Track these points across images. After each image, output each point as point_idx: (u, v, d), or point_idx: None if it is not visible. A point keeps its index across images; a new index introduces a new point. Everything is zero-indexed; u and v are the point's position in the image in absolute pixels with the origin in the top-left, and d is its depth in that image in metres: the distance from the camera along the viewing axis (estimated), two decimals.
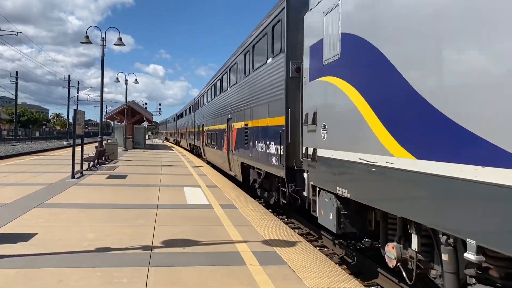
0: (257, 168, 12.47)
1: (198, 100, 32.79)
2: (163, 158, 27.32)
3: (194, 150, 37.17)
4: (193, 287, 4.85)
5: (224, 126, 18.35)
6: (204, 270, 5.39)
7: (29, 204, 9.48)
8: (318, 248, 8.48)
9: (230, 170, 17.30)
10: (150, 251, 6.12)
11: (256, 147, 12.18)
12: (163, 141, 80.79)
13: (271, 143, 10.50)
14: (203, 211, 9.42)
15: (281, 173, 9.58)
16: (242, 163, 14.51)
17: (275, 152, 10.10)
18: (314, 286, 4.99)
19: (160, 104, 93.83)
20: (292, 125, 9.17)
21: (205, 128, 26.09)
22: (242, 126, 14.22)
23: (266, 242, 6.87)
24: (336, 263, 7.09)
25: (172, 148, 46.41)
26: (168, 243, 6.59)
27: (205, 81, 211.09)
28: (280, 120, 9.72)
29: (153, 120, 75.39)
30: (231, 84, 17.10)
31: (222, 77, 19.77)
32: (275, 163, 10.06)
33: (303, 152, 7.90)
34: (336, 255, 8.48)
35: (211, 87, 24.32)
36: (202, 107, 29.52)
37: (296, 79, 8.88)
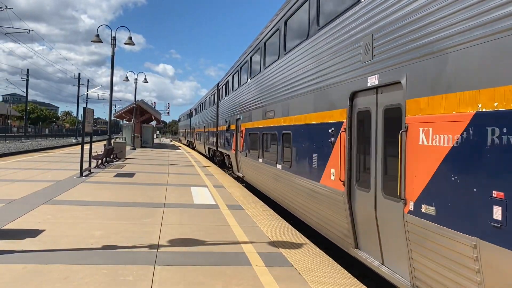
0: None
1: (226, 83, 20.65)
2: (171, 158, 27.41)
3: (216, 159, 25.84)
4: (199, 286, 4.86)
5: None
6: (210, 270, 5.40)
7: (38, 200, 9.57)
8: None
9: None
10: (156, 250, 6.14)
11: None
12: (171, 140, 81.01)
13: None
14: (209, 211, 9.43)
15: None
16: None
17: None
18: None
19: (168, 103, 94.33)
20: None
21: (243, 126, 15.83)
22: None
23: (272, 243, 6.86)
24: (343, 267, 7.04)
25: (179, 147, 46.55)
26: (174, 242, 6.61)
27: (214, 81, 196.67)
28: None
29: (162, 119, 75.74)
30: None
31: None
32: None
33: None
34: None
35: (250, 58, 14.74)
36: (233, 93, 18.58)
37: None
